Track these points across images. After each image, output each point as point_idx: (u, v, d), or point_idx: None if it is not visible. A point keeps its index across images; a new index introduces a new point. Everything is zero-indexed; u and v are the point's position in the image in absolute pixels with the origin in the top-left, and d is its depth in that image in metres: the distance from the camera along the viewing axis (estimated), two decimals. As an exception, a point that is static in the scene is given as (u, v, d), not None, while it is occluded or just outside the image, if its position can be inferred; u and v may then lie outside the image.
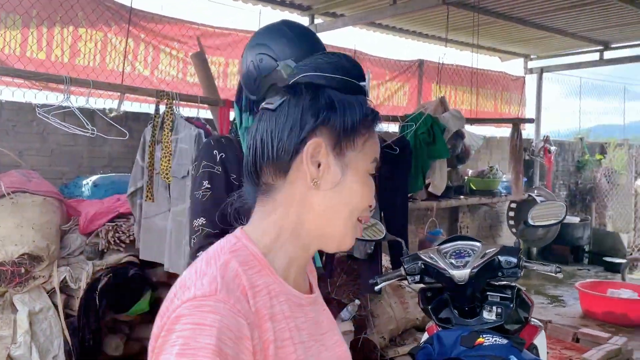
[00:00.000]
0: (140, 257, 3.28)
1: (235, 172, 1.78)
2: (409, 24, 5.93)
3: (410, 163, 3.77)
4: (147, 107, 4.57)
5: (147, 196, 3.10)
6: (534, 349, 2.38)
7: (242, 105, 1.77)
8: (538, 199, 7.12)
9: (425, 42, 6.58)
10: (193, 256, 1.74)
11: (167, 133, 3.04)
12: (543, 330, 2.37)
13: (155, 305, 3.31)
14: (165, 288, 3.36)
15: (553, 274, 2.12)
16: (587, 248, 8.68)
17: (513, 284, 2.24)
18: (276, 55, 1.60)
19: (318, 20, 5.41)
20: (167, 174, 3.03)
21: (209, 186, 1.75)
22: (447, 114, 4.42)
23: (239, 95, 1.77)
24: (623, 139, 9.82)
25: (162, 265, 3.18)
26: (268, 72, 1.59)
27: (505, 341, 1.90)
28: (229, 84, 5.32)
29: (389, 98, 6.57)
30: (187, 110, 3.68)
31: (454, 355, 1.89)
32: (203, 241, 1.71)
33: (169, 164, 3.03)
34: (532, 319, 2.34)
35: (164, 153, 3.02)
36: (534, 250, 8.52)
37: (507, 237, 8.07)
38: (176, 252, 3.05)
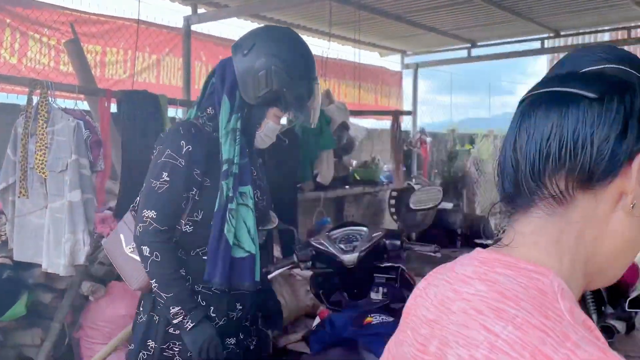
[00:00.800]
0: (15, 258, 3.04)
1: (200, 167, 1.75)
2: (293, 17, 5.99)
3: (298, 154, 3.85)
4: (15, 97, 4.21)
5: (21, 192, 2.88)
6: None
7: (234, 104, 1.74)
8: (416, 187, 7.57)
9: (309, 35, 6.69)
10: (138, 249, 1.71)
11: (42, 125, 2.85)
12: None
13: (32, 308, 3.10)
14: (43, 289, 3.15)
15: (432, 254, 2.30)
16: (459, 232, 9.38)
17: (397, 265, 2.38)
18: (288, 69, 1.70)
19: (201, 10, 5.29)
20: (42, 168, 2.84)
21: (167, 179, 1.71)
22: (333, 106, 4.56)
23: (232, 91, 1.76)
24: (489, 130, 10.71)
25: (39, 265, 2.99)
26: (279, 85, 1.70)
27: (391, 319, 2.01)
28: (107, 73, 5.05)
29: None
30: (61, 102, 3.45)
31: (346, 336, 1.98)
32: (150, 237, 1.69)
33: (44, 157, 2.84)
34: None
35: (39, 146, 2.83)
36: (413, 235, 9.05)
37: (389, 224, 8.49)
38: (55, 250, 2.88)
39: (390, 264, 2.37)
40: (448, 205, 9.37)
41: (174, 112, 3.96)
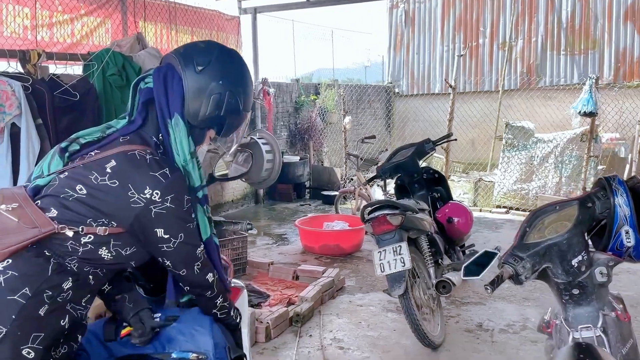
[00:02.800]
0: None
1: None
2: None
3: (97, 110, 3.18)
4: None
5: None
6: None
7: (187, 124, 1.57)
8: (260, 141, 7.17)
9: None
10: (201, 282, 1.61)
11: None
12: (245, 291, 2.16)
13: None
14: None
15: (245, 232, 1.90)
16: (308, 184, 9.24)
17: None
18: (240, 98, 1.62)
19: None
20: None
21: (193, 216, 1.60)
22: (143, 52, 3.89)
23: (182, 109, 1.56)
24: (333, 80, 10.57)
25: None
26: (227, 112, 1.60)
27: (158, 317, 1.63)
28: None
29: (88, 35, 5.66)
30: None
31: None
32: (209, 263, 1.63)
33: None
34: (233, 281, 2.11)
35: None
36: (261, 191, 8.71)
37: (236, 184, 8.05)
38: None
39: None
40: (295, 159, 9.15)
41: None
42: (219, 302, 1.63)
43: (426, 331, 3.30)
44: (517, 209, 7.47)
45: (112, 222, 1.44)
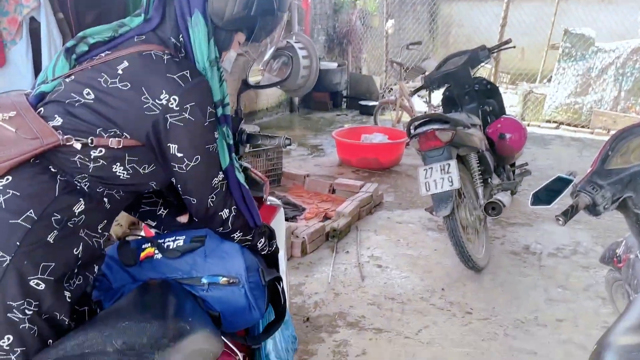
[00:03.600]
0: None
1: None
2: None
3: (124, 5, 2.88)
4: None
5: None
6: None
7: (209, 25, 1.32)
8: (297, 45, 6.77)
9: None
10: (213, 217, 1.37)
11: None
12: (281, 209, 1.97)
13: None
14: None
15: (283, 148, 1.67)
16: (345, 93, 8.87)
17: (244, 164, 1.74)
18: (278, 4, 1.40)
19: None
20: None
21: (216, 136, 1.34)
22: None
23: (205, 7, 1.30)
24: (375, -21, 9.84)
25: None
26: (258, 12, 1.36)
27: (182, 239, 1.42)
28: None
29: None
30: None
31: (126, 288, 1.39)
32: (227, 197, 1.38)
33: None
34: (269, 199, 1.92)
35: None
36: (296, 100, 8.41)
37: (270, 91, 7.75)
38: None
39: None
40: (332, 65, 8.71)
41: None
42: (236, 236, 1.42)
43: (471, 253, 3.11)
44: (569, 125, 7.02)
45: (125, 134, 1.22)
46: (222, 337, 1.37)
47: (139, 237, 1.51)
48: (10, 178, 1.16)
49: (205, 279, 1.39)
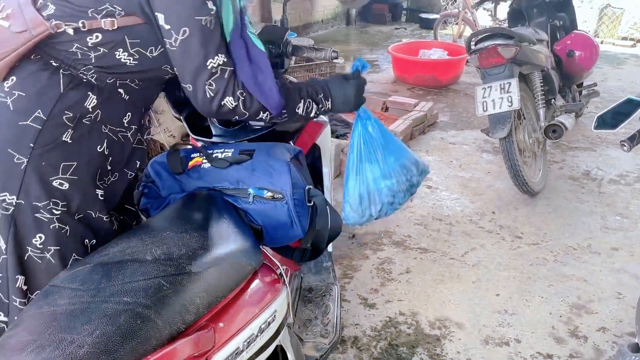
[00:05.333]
0: None
1: None
2: None
3: None
4: None
5: None
6: (316, 149, 1.96)
7: None
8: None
9: None
10: (217, 108, 1.19)
11: None
12: (328, 127, 1.92)
13: None
14: None
15: (330, 61, 1.59)
16: (405, 5, 8.45)
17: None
18: None
19: None
20: None
21: (213, 7, 1.13)
22: None
23: None
24: None
25: None
26: None
27: (231, 151, 1.40)
28: None
29: None
30: None
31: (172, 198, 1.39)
32: (230, 83, 1.17)
33: None
34: (316, 115, 1.87)
35: None
36: (353, 11, 8.09)
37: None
38: None
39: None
40: (392, -25, 8.25)
41: None
42: (263, 117, 1.29)
43: (526, 177, 3.00)
44: (647, 43, 6.48)
45: (117, 7, 1.11)
46: (264, 250, 1.38)
47: (189, 147, 1.51)
48: (14, 79, 1.13)
49: (252, 189, 1.39)
